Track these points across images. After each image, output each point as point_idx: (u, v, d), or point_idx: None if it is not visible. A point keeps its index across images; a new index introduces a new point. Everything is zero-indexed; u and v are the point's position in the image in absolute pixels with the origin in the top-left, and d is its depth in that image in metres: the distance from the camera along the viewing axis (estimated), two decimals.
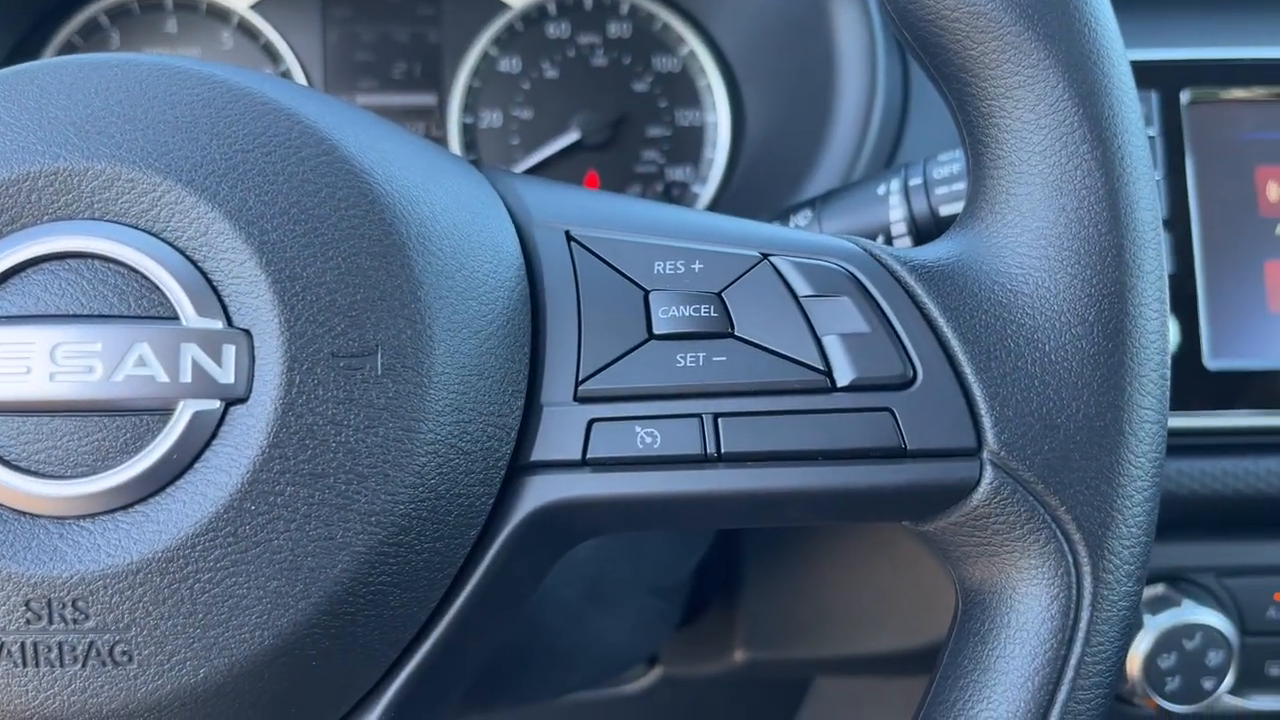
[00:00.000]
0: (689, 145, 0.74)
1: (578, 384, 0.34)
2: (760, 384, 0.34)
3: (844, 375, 0.34)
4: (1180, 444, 0.59)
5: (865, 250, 0.36)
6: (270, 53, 0.73)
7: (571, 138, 0.73)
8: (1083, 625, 0.33)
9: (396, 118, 0.74)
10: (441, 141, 0.74)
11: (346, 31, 0.74)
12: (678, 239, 0.36)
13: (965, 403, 0.34)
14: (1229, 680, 0.59)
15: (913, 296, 0.35)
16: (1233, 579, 0.61)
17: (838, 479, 0.34)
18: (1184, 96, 0.60)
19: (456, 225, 0.34)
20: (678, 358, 0.34)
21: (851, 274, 0.35)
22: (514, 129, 0.74)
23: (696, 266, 0.35)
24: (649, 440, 0.34)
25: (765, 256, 0.35)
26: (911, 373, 0.34)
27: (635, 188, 0.74)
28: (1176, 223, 0.59)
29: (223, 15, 0.73)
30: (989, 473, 0.34)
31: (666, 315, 0.35)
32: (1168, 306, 0.35)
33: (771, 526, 0.58)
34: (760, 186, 0.70)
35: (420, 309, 0.32)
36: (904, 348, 0.34)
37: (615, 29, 0.74)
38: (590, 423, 0.34)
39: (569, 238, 0.36)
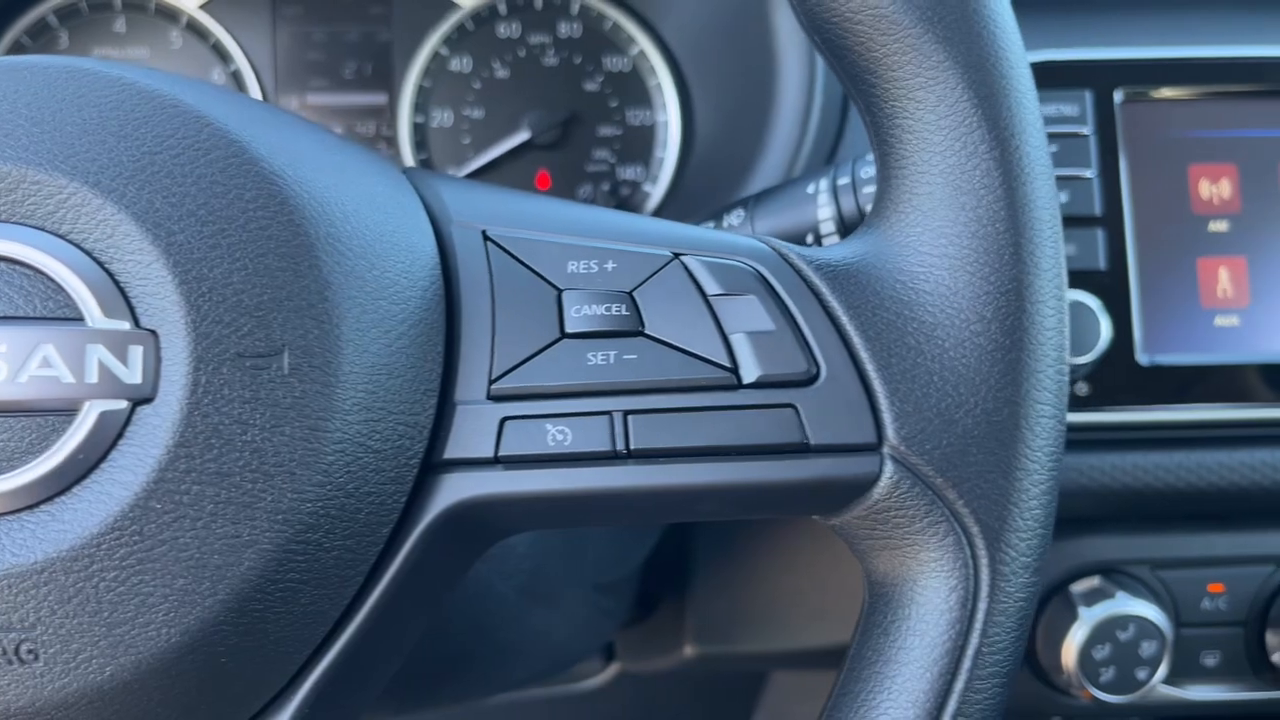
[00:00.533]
0: (640, 144, 0.75)
1: (490, 382, 0.34)
2: (669, 381, 0.35)
3: (750, 372, 0.34)
4: (1114, 438, 0.60)
5: (774, 250, 0.36)
6: (220, 52, 0.73)
7: (522, 137, 0.73)
8: (979, 616, 0.34)
9: (347, 117, 0.74)
10: (392, 141, 0.74)
11: (297, 31, 0.74)
12: (592, 238, 0.36)
13: (866, 399, 0.34)
14: (1162, 670, 0.60)
15: (818, 295, 0.35)
16: (1167, 571, 0.62)
17: (745, 474, 0.34)
18: (1117, 95, 0.61)
19: (369, 225, 0.34)
20: (589, 356, 0.35)
21: (759, 273, 0.36)
22: (465, 128, 0.74)
23: (609, 266, 0.36)
24: (560, 438, 0.34)
25: (676, 256, 0.36)
26: (815, 370, 0.35)
27: (586, 187, 0.74)
28: (1110, 220, 0.60)
29: (172, 15, 0.73)
30: (889, 467, 0.34)
31: (579, 314, 0.35)
32: (1066, 303, 0.35)
33: (684, 522, 0.58)
34: (710, 185, 0.71)
35: (328, 309, 0.32)
36: (808, 345, 0.35)
37: (565, 29, 0.75)
38: (502, 421, 0.34)
39: (485, 237, 0.36)
